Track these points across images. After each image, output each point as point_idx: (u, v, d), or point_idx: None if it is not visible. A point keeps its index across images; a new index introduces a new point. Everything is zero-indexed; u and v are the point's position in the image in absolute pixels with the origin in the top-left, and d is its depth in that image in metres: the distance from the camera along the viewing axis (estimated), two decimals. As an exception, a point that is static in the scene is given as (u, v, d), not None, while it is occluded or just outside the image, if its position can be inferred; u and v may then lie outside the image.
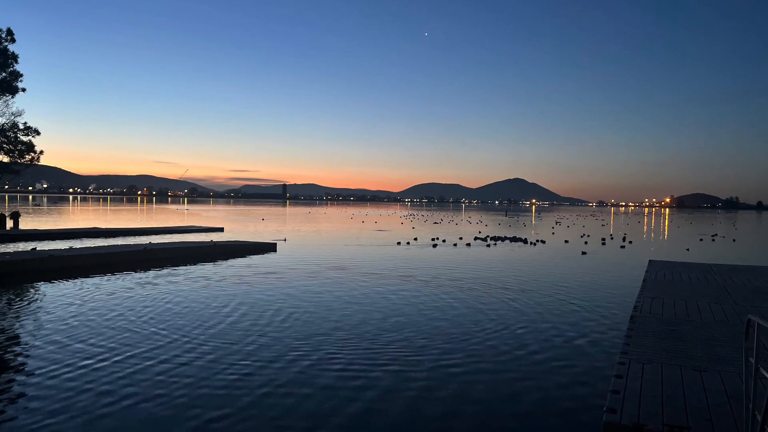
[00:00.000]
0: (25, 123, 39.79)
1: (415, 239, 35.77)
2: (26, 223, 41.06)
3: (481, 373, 8.45)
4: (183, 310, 12.40)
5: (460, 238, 37.63)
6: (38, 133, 40.51)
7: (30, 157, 40.38)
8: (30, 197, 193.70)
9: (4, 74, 37.15)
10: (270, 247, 27.18)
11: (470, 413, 6.88)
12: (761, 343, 4.59)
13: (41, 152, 41.09)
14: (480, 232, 45.30)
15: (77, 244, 26.89)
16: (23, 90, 39.42)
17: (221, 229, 41.05)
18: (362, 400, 7.20)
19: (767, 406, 4.02)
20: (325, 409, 6.91)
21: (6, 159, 39.03)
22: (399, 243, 32.74)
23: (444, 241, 35.09)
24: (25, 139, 39.81)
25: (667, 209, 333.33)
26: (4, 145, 38.34)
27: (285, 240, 32.97)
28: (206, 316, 11.83)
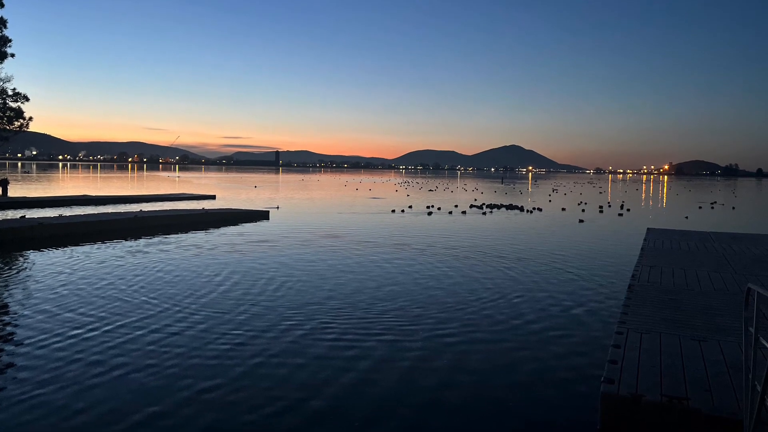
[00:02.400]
0: (14, 89, 39.19)
1: (410, 207, 35.63)
2: (15, 191, 40.57)
3: (476, 342, 8.37)
4: (174, 279, 12.25)
5: (456, 206, 37.48)
6: (27, 100, 39.87)
7: (19, 123, 39.79)
8: (19, 164, 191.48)
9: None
10: (263, 215, 26.99)
11: (466, 383, 6.80)
12: (761, 312, 4.47)
13: (30, 119, 40.49)
14: (476, 200, 45.17)
15: (67, 211, 26.55)
16: (12, 56, 38.62)
17: (213, 197, 40.81)
18: (356, 371, 7.11)
19: (767, 376, 3.93)
20: (318, 379, 6.82)
21: (-5, 125, 38.44)
22: (393, 211, 32.58)
23: (439, 208, 34.93)
24: (14, 105, 39.18)
25: (666, 176, 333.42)
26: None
27: (278, 208, 32.74)
28: (198, 285, 11.69)
